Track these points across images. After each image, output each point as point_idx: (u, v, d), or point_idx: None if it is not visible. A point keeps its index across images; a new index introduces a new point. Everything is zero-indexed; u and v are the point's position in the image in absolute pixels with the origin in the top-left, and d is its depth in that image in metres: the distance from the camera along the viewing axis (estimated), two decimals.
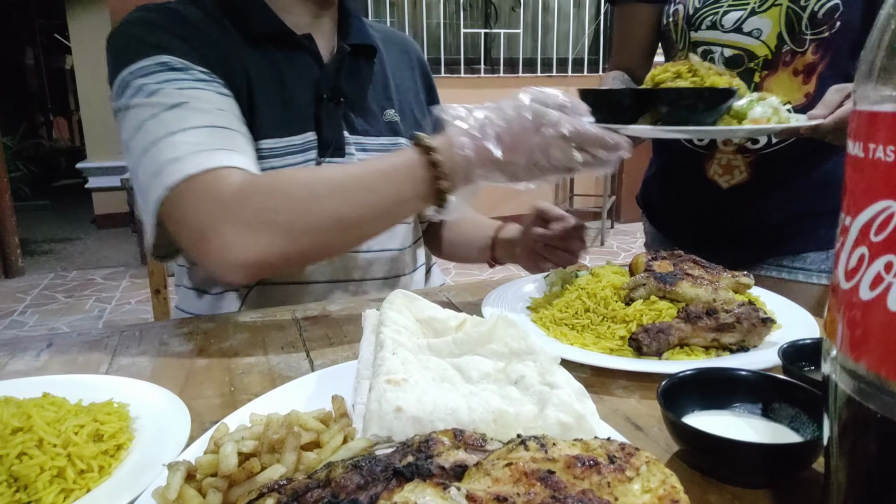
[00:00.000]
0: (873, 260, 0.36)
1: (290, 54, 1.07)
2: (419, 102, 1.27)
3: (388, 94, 1.20)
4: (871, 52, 0.36)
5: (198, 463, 0.49)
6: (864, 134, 0.37)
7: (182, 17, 1.01)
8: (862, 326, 0.37)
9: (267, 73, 1.04)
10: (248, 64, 1.02)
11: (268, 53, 1.05)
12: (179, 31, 0.98)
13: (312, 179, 0.88)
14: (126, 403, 0.65)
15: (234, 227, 0.82)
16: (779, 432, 0.57)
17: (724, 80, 1.00)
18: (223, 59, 0.99)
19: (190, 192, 0.84)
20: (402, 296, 0.74)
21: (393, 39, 1.28)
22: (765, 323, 0.78)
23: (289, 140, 1.05)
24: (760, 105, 0.97)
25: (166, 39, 0.96)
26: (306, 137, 1.07)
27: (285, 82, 1.06)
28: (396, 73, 1.23)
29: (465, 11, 5.54)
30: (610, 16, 5.82)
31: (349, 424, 0.56)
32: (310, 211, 0.84)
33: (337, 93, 1.10)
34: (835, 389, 0.39)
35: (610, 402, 0.70)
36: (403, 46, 1.29)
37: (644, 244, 1.56)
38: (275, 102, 1.04)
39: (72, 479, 0.54)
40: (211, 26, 1.02)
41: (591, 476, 0.41)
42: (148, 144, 0.88)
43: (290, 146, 1.05)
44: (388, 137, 1.16)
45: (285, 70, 1.06)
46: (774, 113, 0.97)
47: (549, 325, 0.88)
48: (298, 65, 1.08)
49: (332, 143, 1.08)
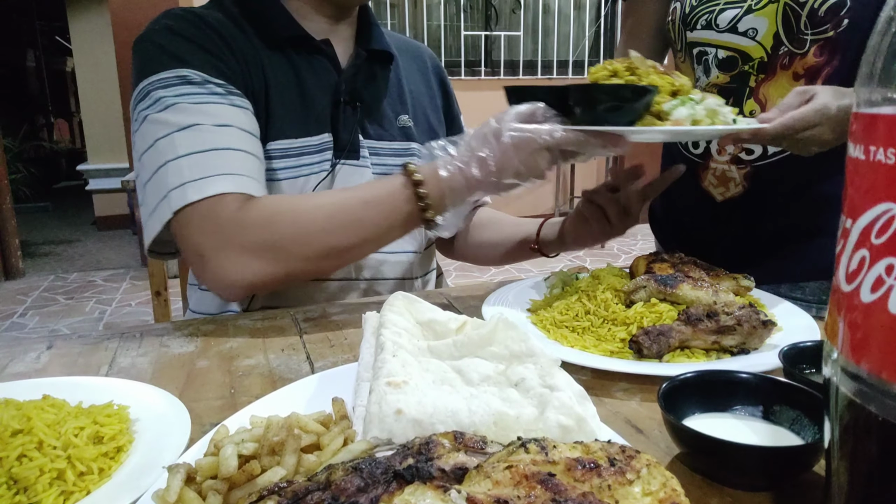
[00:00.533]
0: (874, 262, 0.36)
1: (308, 58, 1.11)
2: (434, 108, 1.29)
3: (403, 99, 1.22)
4: (871, 54, 0.36)
5: (198, 465, 0.49)
6: (864, 136, 0.37)
7: (206, 24, 1.03)
8: (863, 329, 0.37)
9: (286, 75, 1.08)
10: (267, 67, 1.06)
11: (287, 57, 1.09)
12: (202, 40, 1.01)
13: (306, 210, 0.94)
14: (126, 405, 0.65)
15: (232, 252, 0.91)
16: (780, 435, 0.57)
17: (667, 80, 0.93)
18: (243, 63, 1.03)
19: (192, 218, 0.92)
20: (402, 298, 0.74)
21: (409, 48, 1.31)
22: (765, 325, 0.78)
23: (305, 140, 1.08)
24: (688, 106, 0.89)
25: (188, 50, 1.00)
26: (322, 139, 1.10)
27: (304, 85, 1.09)
28: (411, 80, 1.26)
29: (465, 13, 5.54)
30: (610, 18, 5.83)
31: (349, 427, 0.56)
32: (302, 241, 0.92)
33: (354, 97, 1.13)
34: (836, 392, 0.39)
35: (610, 405, 0.70)
36: (419, 55, 1.32)
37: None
38: (293, 104, 1.08)
39: (72, 482, 0.54)
40: (233, 30, 1.05)
41: (591, 479, 0.41)
42: (157, 165, 0.95)
43: (307, 146, 1.08)
44: (400, 142, 1.19)
45: (304, 73, 1.09)
46: (709, 115, 0.89)
47: (550, 327, 0.88)
48: (317, 69, 1.11)
49: (347, 146, 1.11)
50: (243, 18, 1.08)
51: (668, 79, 0.93)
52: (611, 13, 5.82)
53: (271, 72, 1.06)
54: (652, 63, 0.96)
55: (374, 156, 1.15)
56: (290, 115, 1.07)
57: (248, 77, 1.03)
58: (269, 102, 1.06)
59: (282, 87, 1.07)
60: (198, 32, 1.02)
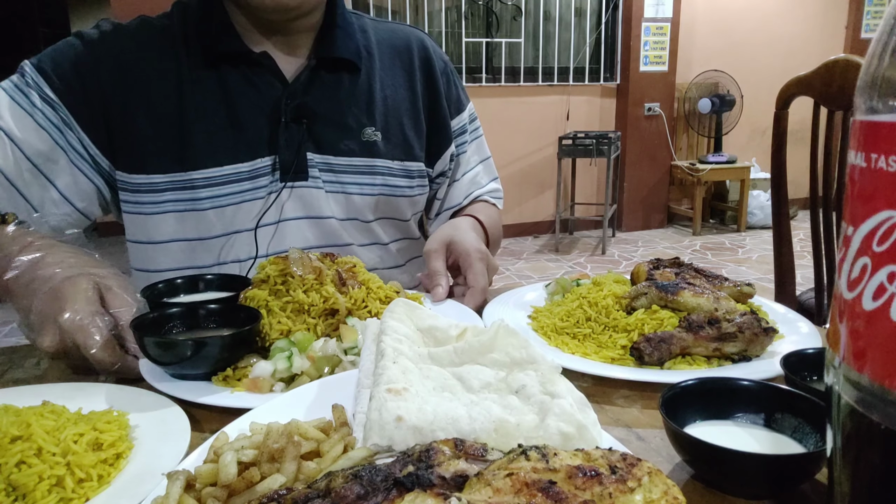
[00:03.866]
0: (876, 270, 0.36)
1: (248, 74, 1.06)
2: (415, 114, 1.21)
3: (371, 110, 1.14)
4: (872, 61, 0.36)
5: (197, 472, 0.49)
6: (866, 144, 0.37)
7: (132, 37, 1.05)
8: (865, 337, 0.36)
9: (211, 99, 1.04)
10: (186, 93, 1.04)
11: (221, 77, 1.05)
12: (115, 50, 1.04)
13: None
14: (126, 412, 0.65)
15: None
16: (781, 443, 0.57)
17: None
18: (149, 86, 1.04)
19: None
20: (402, 304, 0.73)
21: (394, 42, 1.21)
22: (767, 332, 0.78)
23: (234, 167, 1.05)
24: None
25: (57, 56, 1.03)
26: (256, 164, 1.06)
27: (234, 108, 1.05)
28: (387, 85, 1.17)
29: (466, 20, 5.56)
30: (611, 25, 5.85)
31: (349, 434, 0.56)
32: None
33: (300, 112, 1.07)
34: (838, 400, 0.39)
35: (611, 412, 0.69)
36: (405, 48, 1.22)
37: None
38: (218, 130, 1.04)
39: (70, 488, 0.53)
40: (168, 45, 1.05)
41: (592, 487, 0.40)
42: None
43: (236, 173, 1.05)
44: (361, 158, 1.12)
45: (237, 94, 1.05)
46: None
47: (551, 333, 0.88)
48: (257, 85, 1.06)
49: (292, 167, 1.07)
50: (187, 33, 1.06)
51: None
52: (611, 20, 5.84)
53: (191, 97, 1.03)
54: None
55: (327, 172, 1.10)
56: (214, 142, 1.04)
57: (158, 99, 1.03)
58: (187, 131, 1.03)
59: (204, 113, 1.04)
60: (85, 51, 1.03)
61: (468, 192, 1.31)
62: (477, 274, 1.00)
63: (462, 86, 1.31)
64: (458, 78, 1.31)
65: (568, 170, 5.71)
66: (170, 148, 1.03)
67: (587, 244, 5.65)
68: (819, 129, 1.62)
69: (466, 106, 1.31)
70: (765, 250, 5.21)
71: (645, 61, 5.79)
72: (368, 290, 0.89)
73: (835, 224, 1.61)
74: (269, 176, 1.07)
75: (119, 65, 1.04)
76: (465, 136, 1.31)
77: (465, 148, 1.30)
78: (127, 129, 1.04)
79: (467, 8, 5.51)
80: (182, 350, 0.72)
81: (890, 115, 0.35)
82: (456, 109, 1.28)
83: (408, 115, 1.20)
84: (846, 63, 1.46)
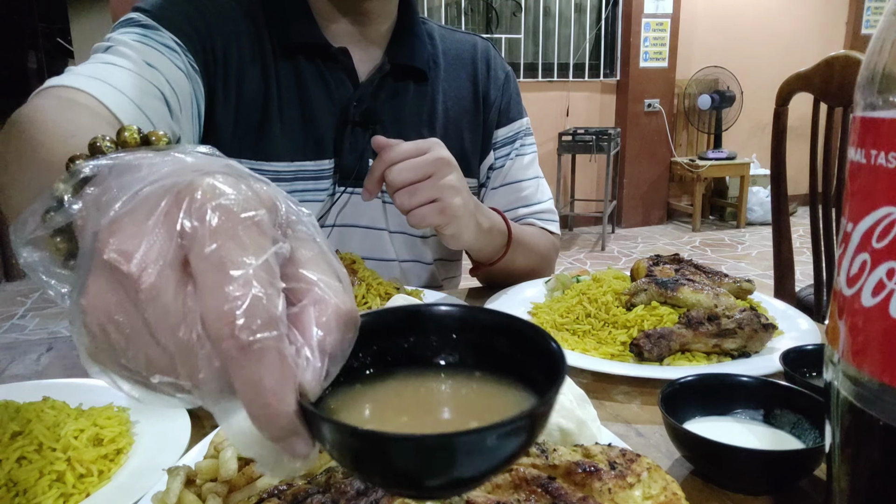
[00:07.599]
0: (875, 266, 0.36)
1: (322, 69, 1.01)
2: (475, 126, 1.15)
3: (433, 121, 1.10)
4: (872, 58, 0.36)
5: (198, 468, 0.49)
6: (865, 140, 0.37)
7: (228, 6, 0.97)
8: (864, 333, 0.37)
9: (291, 90, 1.00)
10: (271, 77, 0.98)
11: (297, 68, 1.00)
12: (211, 14, 0.95)
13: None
14: (126, 407, 0.65)
15: None
16: (780, 439, 0.57)
17: None
18: (244, 67, 0.96)
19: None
20: (402, 300, 0.73)
21: (460, 51, 1.16)
22: (766, 328, 0.78)
23: (300, 164, 1.00)
24: None
25: (185, 17, 0.93)
26: (321, 165, 1.01)
27: (308, 103, 1.00)
28: (451, 96, 1.12)
29: (466, 16, 5.55)
30: (611, 21, 5.84)
31: None
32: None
33: (368, 117, 1.02)
34: (837, 396, 0.39)
35: (611, 408, 0.69)
36: (471, 58, 1.16)
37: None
38: (291, 123, 1.00)
39: (71, 484, 0.54)
40: (255, 29, 0.98)
41: (591, 482, 0.40)
42: None
43: (301, 171, 1.00)
44: None
45: (312, 88, 1.00)
46: None
47: (550, 330, 0.88)
48: (330, 82, 1.02)
49: (353, 173, 1.02)
50: (263, 18, 1.00)
51: None
52: (611, 16, 5.83)
53: (275, 83, 0.98)
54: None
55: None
56: (286, 136, 0.99)
57: (244, 81, 0.96)
58: (266, 117, 0.98)
59: (282, 103, 0.99)
60: (215, 7, 0.95)
61: (508, 202, 1.20)
62: (392, 150, 0.85)
63: (518, 98, 1.23)
64: (517, 89, 1.23)
65: (567, 166, 5.70)
66: (248, 135, 0.98)
67: (587, 240, 5.65)
68: (819, 126, 1.61)
69: (518, 119, 1.21)
70: (764, 247, 5.21)
71: (645, 57, 5.77)
72: (368, 287, 0.89)
73: (834, 220, 1.61)
74: (330, 179, 1.02)
75: (225, 36, 0.98)
76: (508, 147, 1.20)
77: (504, 161, 1.20)
78: (219, 103, 0.98)
79: (467, 4, 5.50)
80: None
81: (890, 112, 0.35)
82: (506, 119, 1.20)
83: (469, 128, 1.15)
84: (846, 59, 1.46)
